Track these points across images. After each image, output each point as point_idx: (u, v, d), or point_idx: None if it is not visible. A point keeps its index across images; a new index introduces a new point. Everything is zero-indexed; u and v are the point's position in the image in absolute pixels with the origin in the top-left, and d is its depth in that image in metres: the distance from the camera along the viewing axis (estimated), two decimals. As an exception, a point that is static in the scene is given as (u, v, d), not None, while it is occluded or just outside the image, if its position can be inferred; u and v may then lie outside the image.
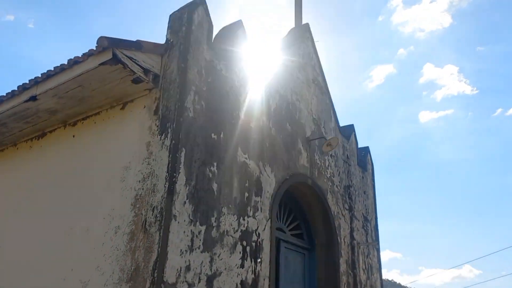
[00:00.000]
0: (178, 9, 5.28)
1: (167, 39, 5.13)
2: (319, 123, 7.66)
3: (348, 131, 8.94)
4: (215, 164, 4.94)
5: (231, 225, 4.97)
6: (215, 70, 5.34)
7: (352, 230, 7.89)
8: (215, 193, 4.84)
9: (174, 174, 4.33)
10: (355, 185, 8.48)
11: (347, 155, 8.51)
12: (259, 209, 5.53)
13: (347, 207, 7.93)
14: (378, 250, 8.81)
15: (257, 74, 6.17)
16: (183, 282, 4.15)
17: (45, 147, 6.00)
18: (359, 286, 7.61)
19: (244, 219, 5.20)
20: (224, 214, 4.90)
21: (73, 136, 5.65)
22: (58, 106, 5.40)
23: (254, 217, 5.38)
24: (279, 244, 6.61)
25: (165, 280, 3.95)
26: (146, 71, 4.81)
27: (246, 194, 5.36)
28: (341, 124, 8.65)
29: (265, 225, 5.56)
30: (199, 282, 4.33)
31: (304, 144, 6.99)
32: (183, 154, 4.51)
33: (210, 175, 4.84)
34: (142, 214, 4.30)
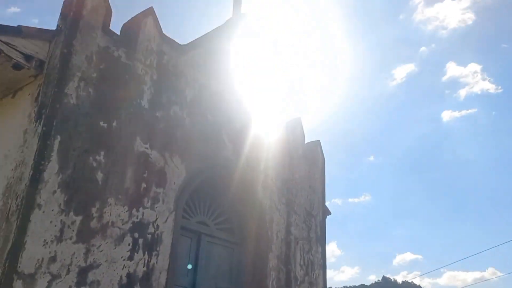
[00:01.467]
0: (71, -6, 5.13)
1: (57, 25, 4.98)
2: (254, 115, 7.45)
3: (293, 124, 8.73)
4: (101, 153, 4.77)
5: (119, 216, 4.80)
6: (111, 56, 5.18)
7: (289, 225, 7.67)
8: (100, 182, 4.68)
9: (42, 162, 4.18)
10: (297, 179, 8.25)
11: (289, 148, 8.29)
12: (161, 200, 5.35)
13: (284, 201, 7.72)
14: (322, 246, 8.59)
15: (170, 63, 5.99)
16: (44, 273, 3.99)
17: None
18: (293, 282, 7.40)
19: (138, 211, 5.03)
20: (111, 204, 4.73)
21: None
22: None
23: (153, 208, 5.21)
24: (200, 237, 6.44)
25: (19, 270, 3.80)
26: (28, 57, 4.67)
27: (144, 185, 5.19)
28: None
29: (167, 217, 5.39)
30: (67, 273, 4.17)
31: (231, 136, 6.80)
32: (57, 141, 4.36)
33: (94, 164, 4.68)
34: (8, 203, 4.15)
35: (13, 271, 3.76)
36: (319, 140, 9.46)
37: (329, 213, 9.95)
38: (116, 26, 5.90)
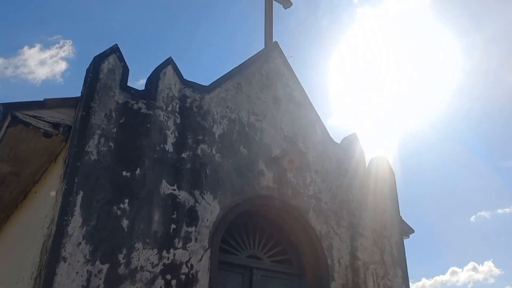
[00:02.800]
0: (90, 63, 5.68)
1: (81, 91, 5.53)
2: (295, 139, 7.28)
3: (349, 141, 8.29)
4: (126, 201, 5.05)
5: (148, 259, 4.96)
6: (130, 110, 5.55)
7: (354, 250, 7.15)
8: (125, 229, 4.92)
9: (65, 217, 4.56)
10: (359, 200, 7.72)
11: (345, 167, 7.85)
12: (193, 239, 5.42)
13: (344, 225, 7.25)
14: (403, 269, 7.78)
15: (194, 105, 6.21)
16: (73, 322, 4.25)
17: (25, 207, 6.73)
18: (367, 312, 6.79)
19: (169, 252, 5.15)
20: (138, 249, 4.93)
21: (35, 192, 6.28)
22: (13, 168, 6.09)
23: (185, 248, 5.30)
24: (252, 272, 6.33)
25: (47, 321, 4.11)
26: (56, 125, 5.23)
27: (173, 226, 5.32)
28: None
29: (202, 255, 5.42)
30: (97, 321, 4.39)
31: (269, 164, 6.70)
32: (79, 197, 4.74)
33: (119, 212, 4.96)
34: (42, 259, 4.57)
35: (42, 322, 4.07)
36: (385, 156, 8.82)
37: (412, 231, 9.08)
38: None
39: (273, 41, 8.10)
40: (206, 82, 6.63)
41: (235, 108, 6.72)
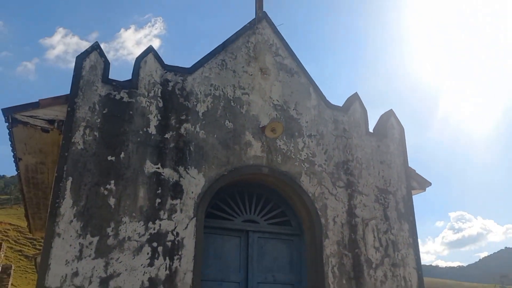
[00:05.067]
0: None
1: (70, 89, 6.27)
2: (286, 107, 7.52)
3: (349, 102, 8.31)
4: (112, 182, 5.78)
5: (135, 231, 5.70)
6: (113, 100, 6.21)
7: (351, 208, 7.35)
8: (112, 206, 5.68)
9: (57, 200, 5.40)
10: (360, 158, 7.82)
11: (344, 128, 7.94)
12: (179, 210, 6.05)
13: (341, 185, 7.44)
14: (410, 223, 7.82)
15: (177, 87, 6.71)
16: (69, 285, 5.14)
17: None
18: (365, 266, 7.04)
19: (154, 223, 5.84)
20: (125, 223, 5.67)
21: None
22: (37, 159, 7.10)
23: (170, 219, 5.95)
24: (248, 235, 6.87)
25: (46, 285, 5.02)
26: (50, 121, 6.06)
27: (158, 200, 5.98)
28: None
29: (188, 224, 6.04)
30: (90, 284, 5.24)
31: (257, 135, 7.06)
32: (69, 182, 5.55)
33: (106, 192, 5.71)
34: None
35: (42, 286, 4.99)
36: (391, 110, 8.72)
37: (429, 184, 8.95)
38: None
39: (263, 11, 8.23)
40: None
41: (219, 85, 7.11)
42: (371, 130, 8.26)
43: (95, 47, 6.38)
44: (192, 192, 6.24)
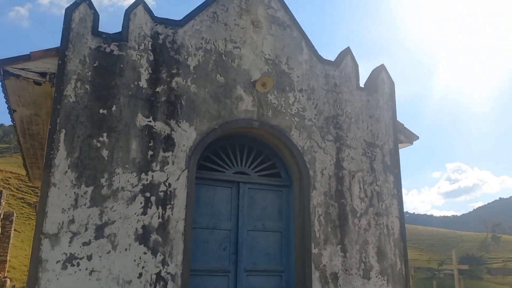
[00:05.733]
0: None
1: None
2: (277, 61, 7.55)
3: (341, 56, 8.32)
4: (104, 134, 5.95)
5: (128, 181, 5.93)
6: (103, 53, 6.24)
7: (339, 161, 7.59)
8: (106, 158, 5.88)
9: (52, 152, 5.59)
10: (349, 113, 7.96)
11: (335, 82, 8.01)
12: (170, 162, 6.26)
13: (330, 138, 7.63)
14: (395, 175, 8.09)
15: (167, 40, 6.70)
16: (66, 232, 5.44)
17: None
18: (350, 215, 7.38)
19: (147, 174, 6.07)
20: (119, 174, 5.90)
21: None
22: (31, 110, 7.22)
23: (162, 170, 6.17)
24: (238, 186, 7.14)
25: (44, 232, 5.32)
26: (42, 74, 6.12)
27: (151, 153, 6.18)
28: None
29: (180, 175, 6.27)
30: (86, 230, 5.54)
31: (248, 89, 7.14)
32: (62, 134, 5.71)
33: (99, 144, 5.89)
34: (42, 185, 5.72)
35: (40, 232, 5.29)
36: (383, 64, 8.75)
37: (416, 138, 9.15)
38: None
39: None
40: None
41: (210, 39, 7.10)
42: (362, 84, 8.34)
43: (84, -1, 6.32)
44: (184, 145, 6.42)
